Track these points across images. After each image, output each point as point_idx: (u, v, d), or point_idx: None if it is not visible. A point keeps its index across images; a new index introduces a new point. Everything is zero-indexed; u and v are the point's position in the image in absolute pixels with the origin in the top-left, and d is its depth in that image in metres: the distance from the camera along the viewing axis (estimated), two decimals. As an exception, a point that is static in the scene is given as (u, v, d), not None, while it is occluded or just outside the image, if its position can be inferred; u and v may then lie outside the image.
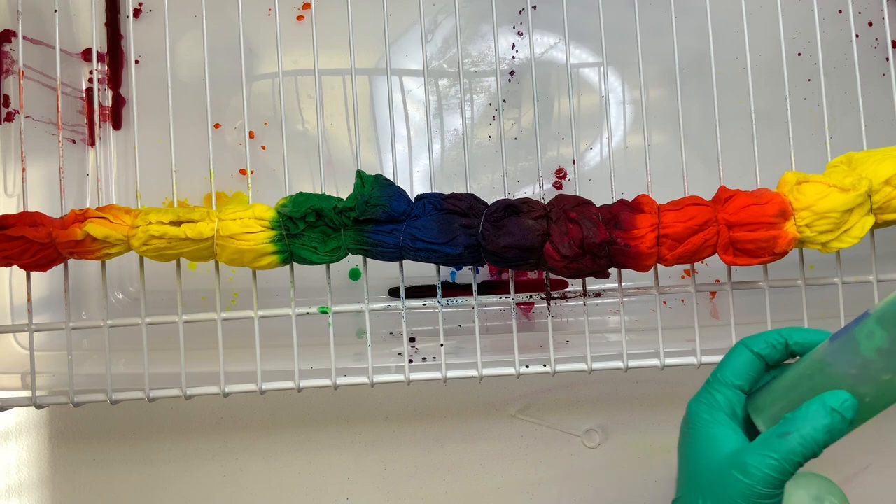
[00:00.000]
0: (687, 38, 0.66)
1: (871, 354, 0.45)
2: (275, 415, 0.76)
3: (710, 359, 0.61)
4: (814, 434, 0.46)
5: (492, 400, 0.76)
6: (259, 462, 0.76)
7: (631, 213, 0.57)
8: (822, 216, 0.55)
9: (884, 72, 0.77)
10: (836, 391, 0.46)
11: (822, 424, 0.46)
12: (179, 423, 0.76)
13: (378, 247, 0.57)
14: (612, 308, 0.77)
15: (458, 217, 0.57)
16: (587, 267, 0.57)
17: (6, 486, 0.76)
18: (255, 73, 0.77)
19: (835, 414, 0.46)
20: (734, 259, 0.57)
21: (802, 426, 0.46)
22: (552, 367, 0.61)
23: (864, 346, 0.45)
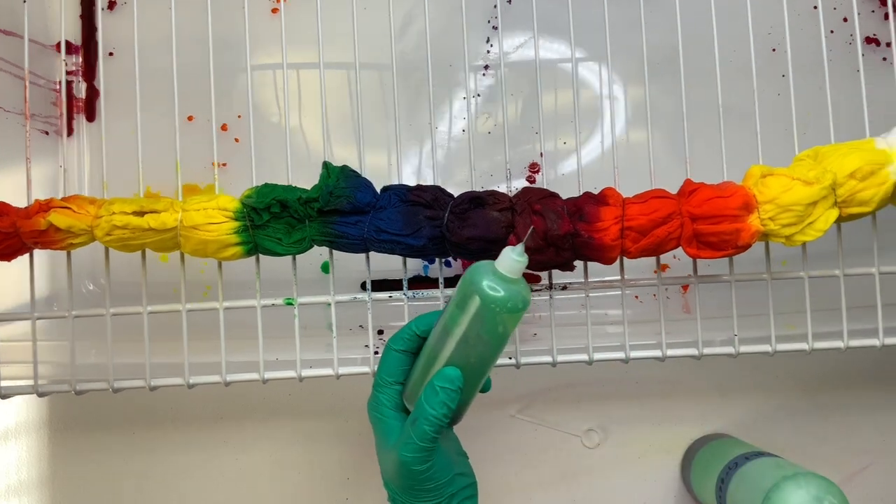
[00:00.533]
0: (663, 33, 0.66)
1: (455, 329, 0.51)
2: (275, 414, 0.76)
3: (675, 352, 0.61)
4: (434, 412, 0.52)
5: (492, 400, 0.77)
6: (259, 462, 0.76)
7: (595, 205, 0.57)
8: (785, 209, 0.55)
9: (859, 67, 0.77)
10: (441, 370, 0.52)
11: (437, 402, 0.52)
12: (179, 423, 0.76)
13: (343, 238, 0.57)
14: (582, 303, 0.77)
15: (423, 209, 0.57)
16: (551, 259, 0.57)
17: (6, 486, 0.76)
18: (233, 67, 0.77)
19: (443, 390, 0.52)
20: (698, 252, 0.57)
21: (423, 410, 0.52)
22: (517, 359, 0.61)
23: (450, 325, 0.51)
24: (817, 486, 0.60)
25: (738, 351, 0.61)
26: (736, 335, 0.61)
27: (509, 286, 0.50)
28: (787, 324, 0.65)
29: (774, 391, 0.78)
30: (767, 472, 0.64)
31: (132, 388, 0.60)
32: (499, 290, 0.50)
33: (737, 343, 0.61)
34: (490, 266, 0.51)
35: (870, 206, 0.56)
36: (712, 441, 0.75)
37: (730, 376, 0.78)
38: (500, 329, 0.51)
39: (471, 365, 0.52)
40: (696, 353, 0.62)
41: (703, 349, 0.62)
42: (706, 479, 0.71)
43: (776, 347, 0.61)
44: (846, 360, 0.77)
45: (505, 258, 0.50)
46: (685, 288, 0.77)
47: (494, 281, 0.50)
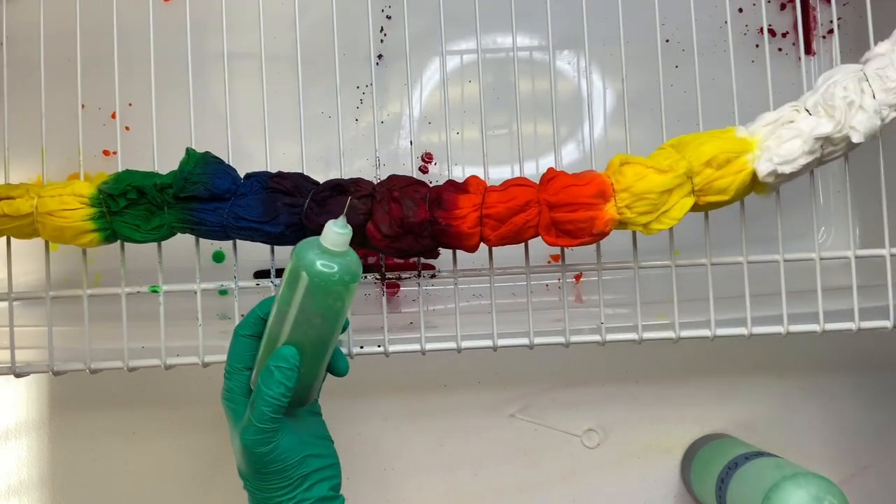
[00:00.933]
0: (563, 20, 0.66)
1: (288, 309, 0.51)
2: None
3: (541, 339, 0.62)
4: (270, 392, 0.52)
5: (491, 400, 0.77)
6: None
7: (454, 193, 0.57)
8: (640, 197, 0.55)
9: (753, 58, 0.78)
10: (276, 349, 0.53)
11: (273, 382, 0.52)
12: (180, 424, 0.76)
13: (202, 225, 0.57)
14: (475, 293, 0.77)
15: (283, 196, 0.57)
16: (410, 246, 0.57)
17: (6, 486, 0.76)
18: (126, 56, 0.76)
19: (279, 369, 0.52)
20: (556, 240, 0.57)
21: (260, 391, 0.52)
22: (385, 347, 0.61)
23: (283, 305, 0.51)
24: (817, 486, 0.60)
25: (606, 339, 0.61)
26: (602, 323, 0.61)
27: (335, 259, 0.50)
28: (659, 313, 0.65)
29: (774, 391, 0.78)
30: (767, 472, 0.64)
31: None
32: (324, 264, 0.50)
33: (603, 331, 0.61)
34: (315, 241, 0.51)
35: (727, 194, 0.56)
36: (712, 441, 0.75)
37: (730, 376, 0.78)
38: (333, 303, 0.51)
39: (310, 343, 0.52)
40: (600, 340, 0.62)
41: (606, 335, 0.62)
42: (706, 479, 0.71)
43: (643, 336, 0.61)
44: (846, 361, 0.78)
45: (328, 232, 0.50)
46: (578, 278, 0.77)
47: (319, 255, 0.50)
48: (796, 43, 0.78)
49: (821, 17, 0.78)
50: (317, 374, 0.54)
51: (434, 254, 0.59)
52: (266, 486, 0.54)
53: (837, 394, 0.78)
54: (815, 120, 0.56)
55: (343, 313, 0.52)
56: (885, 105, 0.57)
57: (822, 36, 0.78)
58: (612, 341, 0.61)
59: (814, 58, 0.78)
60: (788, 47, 0.78)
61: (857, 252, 0.62)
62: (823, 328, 0.61)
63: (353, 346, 0.62)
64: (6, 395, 0.76)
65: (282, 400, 0.52)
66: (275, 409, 0.52)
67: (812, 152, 0.56)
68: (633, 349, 0.74)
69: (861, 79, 0.57)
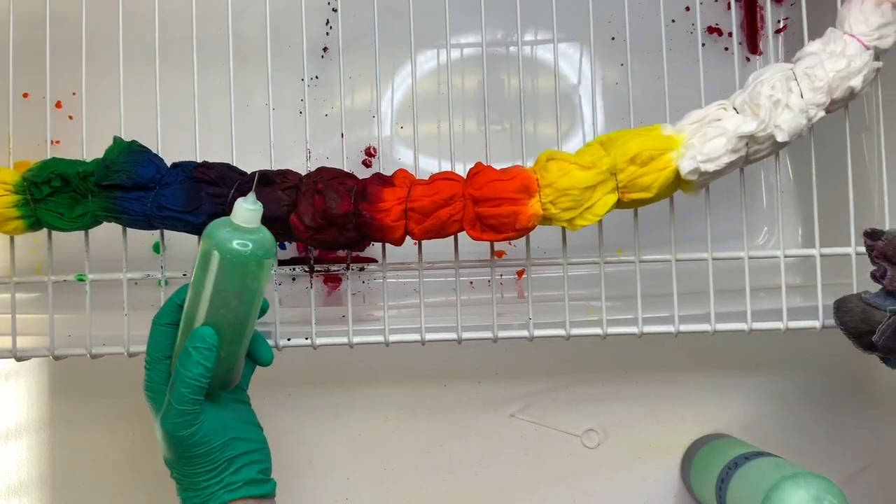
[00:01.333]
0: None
1: (202, 290, 0.51)
2: (273, 415, 0.76)
3: (469, 335, 0.62)
4: (188, 373, 0.52)
5: (491, 400, 0.77)
6: None
7: (379, 186, 0.57)
8: (563, 193, 0.55)
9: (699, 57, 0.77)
10: (194, 330, 0.52)
11: (191, 363, 0.52)
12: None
13: (125, 214, 0.57)
14: (415, 287, 0.77)
15: (207, 186, 0.57)
16: (334, 238, 0.57)
17: (6, 486, 0.76)
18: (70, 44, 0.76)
19: (196, 350, 0.52)
20: (480, 234, 0.57)
21: (178, 373, 0.52)
22: (313, 340, 0.61)
23: (197, 286, 0.51)
24: (817, 486, 0.60)
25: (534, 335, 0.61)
26: (530, 319, 0.61)
27: (247, 236, 0.50)
28: (590, 308, 0.65)
29: (774, 391, 0.78)
30: (767, 472, 0.64)
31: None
32: (236, 241, 0.50)
33: (531, 327, 0.61)
34: (226, 220, 0.51)
35: (651, 191, 0.56)
36: (712, 441, 0.75)
37: (730, 376, 0.77)
38: (248, 282, 0.51)
39: (228, 324, 0.52)
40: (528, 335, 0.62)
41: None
42: (706, 479, 0.71)
43: (570, 332, 0.61)
44: (846, 361, 0.78)
45: (238, 209, 0.50)
46: (520, 274, 0.77)
47: (230, 233, 0.50)
48: (743, 42, 0.78)
49: (769, 17, 0.78)
50: (237, 356, 0.54)
51: (361, 246, 0.59)
52: (191, 471, 0.54)
53: (837, 394, 0.78)
54: (741, 118, 0.56)
55: (260, 293, 0.52)
56: (813, 104, 0.57)
57: (769, 35, 0.78)
58: (540, 337, 0.61)
59: (760, 57, 0.78)
60: (734, 46, 0.78)
61: (786, 252, 0.62)
62: (751, 327, 0.61)
63: (281, 338, 0.61)
64: (6, 396, 0.76)
65: (201, 381, 0.52)
66: (194, 391, 0.52)
67: (736, 151, 0.56)
68: (633, 349, 0.75)
69: (789, 77, 0.57)
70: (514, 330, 0.62)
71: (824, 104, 0.57)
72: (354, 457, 0.76)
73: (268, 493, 0.57)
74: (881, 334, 0.56)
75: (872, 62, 0.58)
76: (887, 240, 0.56)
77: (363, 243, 0.59)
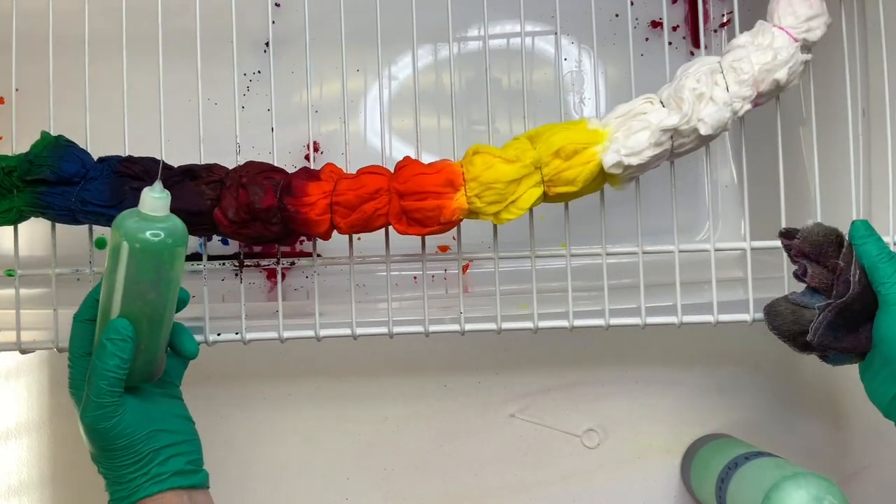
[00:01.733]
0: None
1: (115, 281, 0.51)
2: (273, 415, 0.76)
3: (437, 328, 0.62)
4: (104, 366, 0.51)
5: (491, 400, 0.77)
6: (259, 463, 0.76)
7: (305, 180, 0.57)
8: (487, 187, 0.55)
9: (643, 51, 0.78)
10: (109, 322, 0.52)
11: (106, 355, 0.51)
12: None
13: (49, 209, 0.57)
14: (358, 282, 0.77)
15: (131, 180, 0.57)
16: (259, 233, 0.57)
17: (6, 486, 0.75)
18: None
19: (111, 342, 0.51)
20: (406, 228, 0.57)
21: (95, 366, 0.52)
22: (243, 335, 0.61)
23: (109, 278, 0.51)
24: (817, 486, 0.60)
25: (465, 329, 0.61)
26: (462, 313, 0.61)
27: (156, 224, 0.50)
28: (521, 303, 0.65)
29: (774, 391, 0.77)
30: (767, 472, 0.64)
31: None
32: (145, 230, 0.49)
33: (462, 321, 0.61)
34: (133, 210, 0.50)
35: (575, 185, 0.56)
36: (712, 441, 0.75)
37: (729, 376, 0.77)
38: (160, 270, 0.51)
39: (144, 315, 0.52)
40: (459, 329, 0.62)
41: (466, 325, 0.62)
42: (706, 479, 0.71)
43: (501, 326, 0.61)
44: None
45: (144, 198, 0.50)
46: (465, 268, 0.77)
47: (138, 223, 0.50)
48: (686, 37, 0.78)
49: (713, 11, 0.78)
50: (157, 347, 0.54)
51: (288, 241, 0.59)
52: (116, 464, 0.54)
53: (838, 394, 0.78)
54: (665, 112, 0.56)
55: (175, 281, 0.52)
56: (738, 97, 0.57)
57: (713, 30, 0.78)
58: (472, 331, 0.61)
59: (704, 52, 0.78)
60: (678, 41, 0.78)
61: (716, 245, 0.62)
62: (681, 321, 0.61)
63: (211, 333, 0.61)
64: (7, 395, 0.76)
65: (117, 372, 0.52)
66: (111, 383, 0.52)
67: (660, 144, 0.56)
68: (634, 349, 0.76)
69: (715, 71, 0.57)
70: (446, 324, 0.62)
71: (750, 97, 0.57)
72: (354, 457, 0.76)
73: (198, 483, 0.56)
74: (814, 332, 0.56)
75: (800, 55, 0.58)
76: (802, 237, 0.56)
77: (291, 238, 0.59)
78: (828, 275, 0.56)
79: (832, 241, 0.56)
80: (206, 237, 0.64)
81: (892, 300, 0.54)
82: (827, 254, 0.56)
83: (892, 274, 0.54)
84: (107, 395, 0.52)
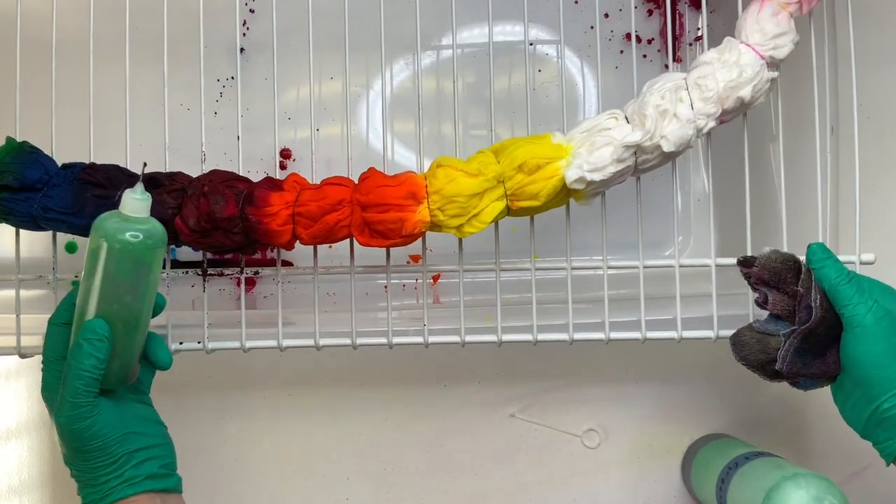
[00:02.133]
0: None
1: (93, 282, 0.51)
2: (274, 415, 0.76)
3: (400, 339, 0.62)
4: (80, 366, 0.51)
5: (491, 400, 0.77)
6: (259, 463, 0.76)
7: (267, 190, 0.57)
8: (450, 200, 0.55)
9: (617, 64, 0.77)
10: (85, 323, 0.52)
11: (82, 355, 0.51)
12: (178, 424, 0.75)
13: (11, 215, 0.56)
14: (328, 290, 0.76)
15: (93, 187, 0.57)
16: (221, 242, 0.57)
17: (7, 487, 0.75)
18: None
19: (87, 342, 0.51)
20: (369, 240, 0.57)
21: (70, 366, 0.52)
22: (205, 344, 0.61)
23: (87, 279, 0.51)
24: (817, 486, 0.60)
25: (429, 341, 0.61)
26: (425, 325, 0.61)
27: (135, 226, 0.50)
28: (487, 315, 0.65)
29: (774, 391, 0.77)
30: (767, 472, 0.64)
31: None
32: (125, 231, 0.50)
33: (426, 334, 0.61)
34: (114, 212, 0.51)
35: (538, 199, 0.56)
36: (712, 441, 0.75)
37: (729, 376, 0.76)
38: (138, 271, 0.51)
39: (120, 317, 0.52)
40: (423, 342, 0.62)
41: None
42: (706, 479, 0.71)
43: (465, 339, 0.61)
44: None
45: (126, 199, 0.50)
46: (435, 279, 0.77)
47: (119, 223, 0.50)
48: (661, 50, 0.78)
49: (688, 24, 0.78)
50: (133, 351, 0.54)
51: (252, 250, 0.59)
52: (90, 466, 0.54)
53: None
54: (629, 128, 0.56)
55: (153, 284, 0.52)
56: (703, 114, 0.57)
57: (689, 43, 0.78)
58: (435, 343, 0.61)
59: (679, 65, 0.78)
60: (654, 54, 0.78)
61: (681, 261, 0.62)
62: (645, 336, 0.61)
63: (173, 342, 0.61)
64: (7, 396, 0.75)
65: (93, 372, 0.52)
66: (87, 383, 0.52)
67: (622, 160, 0.56)
68: (634, 349, 0.74)
69: (680, 87, 0.57)
70: (410, 336, 0.62)
71: (715, 114, 0.57)
72: (354, 457, 0.76)
73: (170, 487, 0.56)
74: (783, 360, 0.55)
75: (767, 72, 0.58)
76: (760, 265, 0.56)
77: (254, 247, 0.59)
78: (789, 301, 0.56)
79: (790, 266, 0.56)
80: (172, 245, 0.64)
81: (856, 322, 0.54)
82: (786, 280, 0.56)
83: (853, 295, 0.54)
84: (82, 395, 0.52)
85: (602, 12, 0.77)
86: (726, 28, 0.70)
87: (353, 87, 0.77)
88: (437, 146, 0.77)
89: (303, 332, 0.62)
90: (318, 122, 0.76)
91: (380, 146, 0.76)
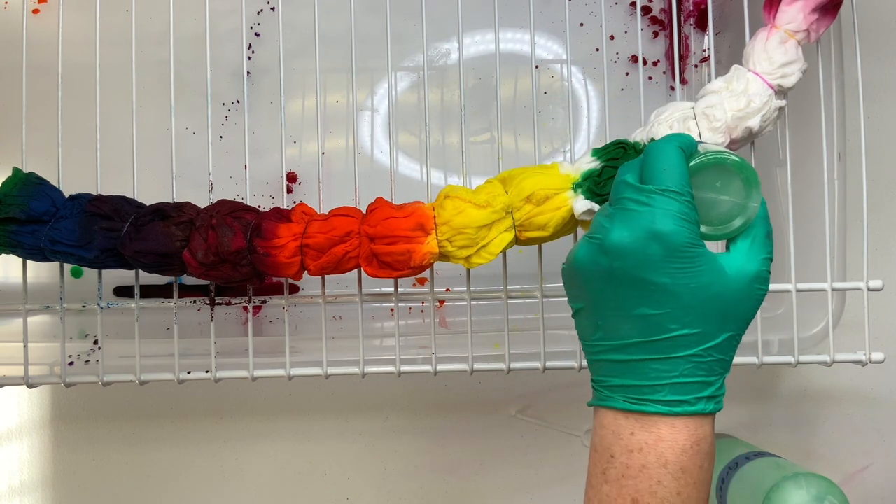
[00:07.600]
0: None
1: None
2: (276, 414, 0.76)
3: (408, 367, 0.62)
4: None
5: (491, 400, 0.77)
6: (260, 461, 0.76)
7: (275, 222, 0.56)
8: (458, 231, 0.55)
9: (623, 86, 0.77)
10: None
11: None
12: (178, 425, 0.76)
13: (19, 248, 0.56)
14: (334, 314, 0.76)
15: (100, 219, 0.56)
16: (229, 275, 0.56)
17: (8, 487, 0.76)
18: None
19: None
20: (377, 271, 0.56)
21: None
22: (213, 374, 0.61)
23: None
24: (817, 486, 0.60)
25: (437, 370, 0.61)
26: (433, 353, 0.61)
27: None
28: (495, 343, 0.65)
29: (775, 391, 0.78)
30: (767, 472, 0.64)
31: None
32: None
33: (434, 362, 0.61)
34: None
35: (547, 230, 0.56)
36: None
37: (730, 376, 0.76)
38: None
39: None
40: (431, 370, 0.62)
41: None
42: None
43: (474, 367, 0.61)
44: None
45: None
46: (441, 303, 0.77)
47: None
48: (667, 72, 0.78)
49: (693, 46, 0.77)
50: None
51: (256, 282, 0.59)
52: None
53: (838, 394, 0.78)
54: (637, 158, 0.56)
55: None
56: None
57: (694, 65, 0.78)
58: (443, 371, 0.61)
59: (685, 87, 0.78)
60: (659, 76, 0.78)
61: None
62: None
63: (181, 371, 0.61)
64: (8, 396, 0.76)
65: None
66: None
67: (631, 191, 0.55)
68: None
69: (688, 117, 0.57)
70: (419, 364, 0.62)
71: (723, 144, 0.57)
72: (354, 457, 0.76)
73: None
74: None
75: (775, 101, 0.58)
76: None
77: (262, 278, 0.59)
78: None
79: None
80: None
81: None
82: None
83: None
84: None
85: (608, 34, 0.77)
86: (732, 50, 0.70)
87: (360, 109, 0.77)
88: (440, 156, 0.77)
89: (311, 360, 0.62)
90: (322, 142, 0.76)
91: (383, 159, 0.76)
